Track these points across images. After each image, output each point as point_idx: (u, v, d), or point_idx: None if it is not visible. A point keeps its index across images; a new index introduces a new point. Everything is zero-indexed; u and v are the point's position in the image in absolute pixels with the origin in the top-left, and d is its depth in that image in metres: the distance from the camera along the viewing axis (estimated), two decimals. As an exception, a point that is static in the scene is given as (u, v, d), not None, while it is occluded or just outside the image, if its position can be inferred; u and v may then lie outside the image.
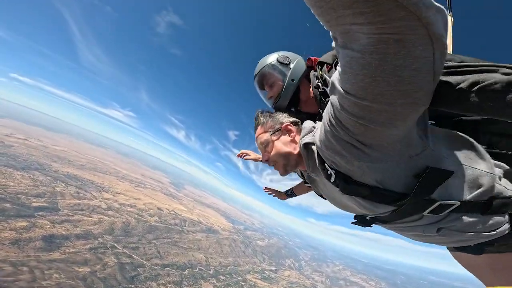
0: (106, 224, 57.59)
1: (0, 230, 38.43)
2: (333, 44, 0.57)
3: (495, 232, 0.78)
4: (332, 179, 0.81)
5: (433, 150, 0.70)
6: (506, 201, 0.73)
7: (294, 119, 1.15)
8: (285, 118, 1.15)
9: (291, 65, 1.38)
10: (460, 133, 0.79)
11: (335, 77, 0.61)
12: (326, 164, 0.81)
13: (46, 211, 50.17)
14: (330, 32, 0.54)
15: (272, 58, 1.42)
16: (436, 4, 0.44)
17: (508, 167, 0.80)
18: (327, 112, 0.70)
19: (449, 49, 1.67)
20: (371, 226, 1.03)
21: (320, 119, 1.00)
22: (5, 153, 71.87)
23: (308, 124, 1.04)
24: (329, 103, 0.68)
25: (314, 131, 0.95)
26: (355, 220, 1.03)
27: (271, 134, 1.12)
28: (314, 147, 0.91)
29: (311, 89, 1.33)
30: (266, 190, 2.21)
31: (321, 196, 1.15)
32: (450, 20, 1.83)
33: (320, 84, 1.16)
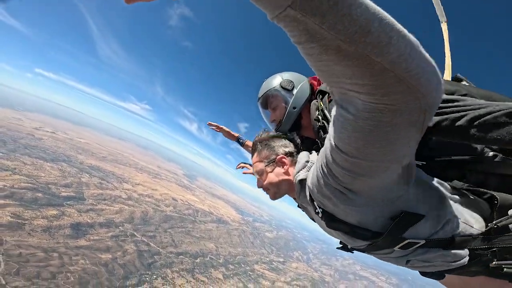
0: (126, 213, 59.87)
1: (33, 218, 40.91)
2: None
3: (454, 264, 0.87)
4: (319, 215, 0.90)
5: (411, 194, 0.76)
6: (466, 239, 0.81)
7: (290, 149, 1.16)
8: (280, 149, 1.15)
9: (294, 91, 1.35)
10: (436, 179, 0.87)
11: (329, 133, 0.64)
12: (315, 203, 0.89)
13: (74, 201, 52.84)
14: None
15: (276, 82, 1.39)
16: (437, 74, 0.46)
17: (484, 203, 0.86)
18: (320, 160, 0.74)
19: (447, 53, 1.65)
20: (352, 252, 1.16)
21: (318, 149, 1.06)
22: (36, 146, 75.99)
23: (302, 158, 1.06)
24: (322, 151, 0.73)
25: (308, 166, 1.00)
26: (340, 246, 1.13)
27: (265, 165, 1.14)
28: (307, 184, 0.95)
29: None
30: (210, 125, 2.02)
31: (313, 220, 1.21)
32: (444, 27, 1.80)
33: (320, 117, 1.14)
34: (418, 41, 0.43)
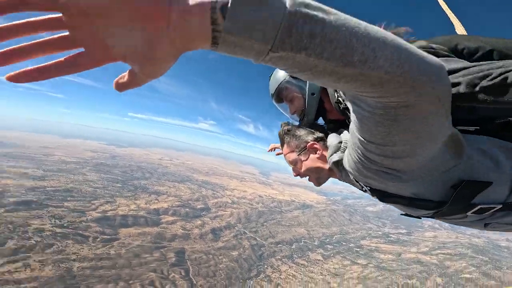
0: (235, 215, 68.96)
1: (192, 228, 52.31)
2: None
3: None
4: (368, 193, 0.79)
5: (467, 163, 0.64)
6: None
7: (318, 134, 1.05)
8: (309, 136, 1.05)
9: None
10: (495, 139, 0.70)
11: (352, 124, 0.58)
12: (360, 183, 0.78)
13: (205, 211, 64.83)
14: None
15: (283, 73, 1.18)
16: (434, 64, 0.42)
17: None
18: (352, 146, 0.65)
19: (447, 11, 1.54)
20: (420, 218, 0.97)
21: (346, 127, 0.93)
22: (167, 172, 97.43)
23: (333, 141, 0.93)
24: (351, 137, 0.64)
25: (342, 147, 0.88)
26: (404, 213, 0.96)
27: (298, 154, 1.05)
28: (345, 167, 0.81)
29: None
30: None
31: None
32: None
33: (340, 99, 0.96)
34: (399, 38, 0.39)
